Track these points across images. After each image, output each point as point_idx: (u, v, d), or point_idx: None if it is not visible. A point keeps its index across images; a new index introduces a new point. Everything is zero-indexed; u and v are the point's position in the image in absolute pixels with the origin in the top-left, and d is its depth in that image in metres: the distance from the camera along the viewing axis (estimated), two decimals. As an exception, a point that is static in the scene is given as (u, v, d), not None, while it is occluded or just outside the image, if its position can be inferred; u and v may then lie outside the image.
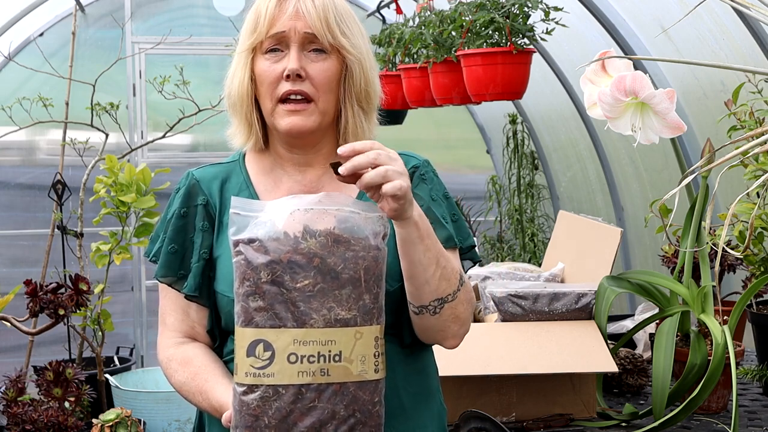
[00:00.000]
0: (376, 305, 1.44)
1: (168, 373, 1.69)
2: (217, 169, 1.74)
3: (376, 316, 1.44)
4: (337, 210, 1.44)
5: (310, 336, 1.39)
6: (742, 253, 2.23)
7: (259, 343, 1.39)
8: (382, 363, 1.45)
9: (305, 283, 1.40)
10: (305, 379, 1.39)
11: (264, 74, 1.62)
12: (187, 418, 3.05)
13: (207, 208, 1.69)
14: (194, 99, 3.88)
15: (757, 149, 1.33)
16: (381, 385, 1.46)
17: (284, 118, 1.63)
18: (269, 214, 1.44)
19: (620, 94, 2.11)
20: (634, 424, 2.28)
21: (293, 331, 1.39)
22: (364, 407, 1.43)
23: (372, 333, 1.43)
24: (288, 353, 1.39)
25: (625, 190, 4.96)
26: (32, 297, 2.57)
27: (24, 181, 6.01)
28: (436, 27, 3.48)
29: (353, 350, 1.41)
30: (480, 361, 2.24)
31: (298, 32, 1.60)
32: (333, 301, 1.40)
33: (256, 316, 1.40)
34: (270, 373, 1.39)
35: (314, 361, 1.39)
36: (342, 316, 1.40)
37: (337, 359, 1.40)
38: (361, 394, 1.42)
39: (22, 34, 5.74)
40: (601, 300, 2.38)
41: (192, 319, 1.69)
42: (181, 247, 1.68)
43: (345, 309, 1.40)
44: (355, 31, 1.65)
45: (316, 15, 1.60)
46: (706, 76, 3.83)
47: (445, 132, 6.63)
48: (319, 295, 1.40)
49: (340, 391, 1.41)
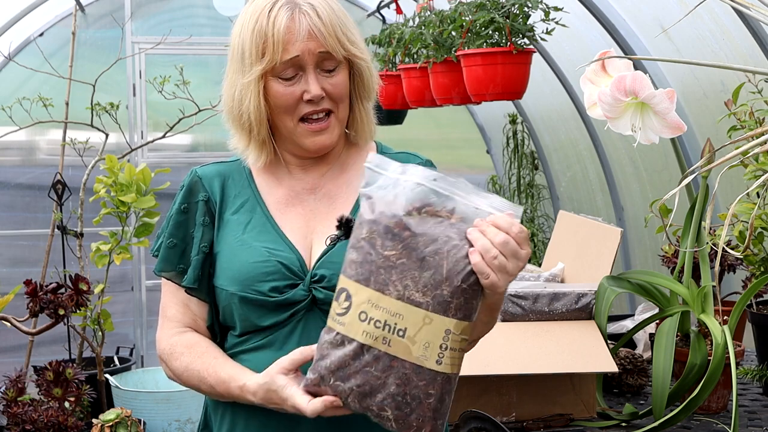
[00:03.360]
0: (455, 299, 1.40)
1: (171, 359, 1.68)
2: (221, 167, 1.75)
3: (453, 311, 1.40)
4: (460, 199, 1.44)
5: (382, 302, 1.41)
6: (742, 253, 2.23)
7: (343, 291, 1.44)
8: (449, 358, 1.42)
9: (391, 253, 1.42)
10: (367, 340, 1.42)
11: (281, 98, 1.62)
12: (187, 418, 3.04)
13: (208, 204, 1.70)
14: (194, 99, 3.88)
15: (757, 149, 1.33)
16: (442, 380, 1.42)
17: (309, 137, 1.65)
18: (392, 174, 1.46)
19: (620, 94, 2.11)
20: (634, 424, 2.28)
21: (370, 292, 1.42)
22: (416, 393, 1.42)
23: (443, 324, 1.40)
24: (360, 310, 1.42)
25: (625, 190, 4.96)
26: (32, 297, 2.57)
27: (24, 181, 6.01)
28: (436, 27, 3.48)
29: (418, 332, 1.41)
30: (480, 361, 2.24)
31: (313, 53, 1.60)
32: (410, 280, 1.41)
33: (348, 267, 1.44)
34: (343, 322, 1.43)
35: (379, 327, 1.41)
36: (415, 298, 1.41)
37: (401, 334, 1.41)
38: (415, 379, 1.42)
39: (22, 34, 5.75)
40: (601, 300, 2.38)
41: (193, 312, 1.70)
42: (180, 241, 1.70)
43: (420, 292, 1.40)
44: (355, 31, 1.67)
45: (327, 32, 1.60)
46: (706, 76, 3.83)
47: (445, 132, 6.63)
48: (399, 268, 1.41)
49: (396, 367, 1.41)
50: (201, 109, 3.88)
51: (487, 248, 1.38)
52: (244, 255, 1.64)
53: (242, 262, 1.63)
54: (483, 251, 1.38)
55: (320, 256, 1.64)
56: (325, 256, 1.64)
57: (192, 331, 1.70)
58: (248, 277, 1.62)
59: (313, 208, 1.71)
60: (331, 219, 1.67)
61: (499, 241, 1.38)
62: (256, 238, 1.66)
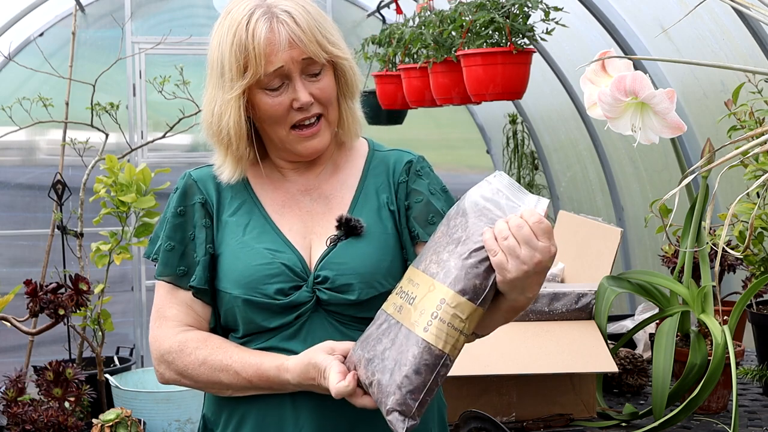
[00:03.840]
0: (458, 271, 1.41)
1: (182, 355, 1.64)
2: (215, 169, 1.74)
3: (452, 280, 1.41)
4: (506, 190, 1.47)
5: (411, 275, 1.49)
6: (742, 253, 2.23)
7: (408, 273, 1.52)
8: (436, 328, 1.40)
9: (437, 234, 1.49)
10: (390, 310, 1.49)
11: (271, 110, 1.61)
12: (187, 418, 3.04)
13: (205, 206, 1.70)
14: (194, 99, 3.88)
15: (757, 149, 1.33)
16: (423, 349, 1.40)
17: (302, 143, 1.65)
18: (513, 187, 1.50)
19: (620, 94, 2.11)
20: (634, 424, 2.28)
21: (411, 268, 1.51)
22: (398, 359, 1.42)
23: (440, 293, 1.41)
24: (401, 284, 1.50)
25: (625, 190, 4.96)
26: (32, 297, 2.57)
27: (24, 181, 6.01)
28: (436, 27, 3.48)
29: (422, 300, 1.44)
30: (480, 361, 2.24)
31: (296, 61, 1.59)
32: (433, 254, 1.46)
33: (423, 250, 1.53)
34: (389, 299, 1.51)
35: (402, 297, 1.47)
36: (431, 269, 1.45)
37: (411, 302, 1.45)
38: (404, 344, 1.42)
39: (22, 34, 5.75)
40: (601, 300, 2.38)
41: (197, 313, 1.69)
42: (179, 244, 1.69)
43: (436, 263, 1.45)
44: (334, 31, 1.66)
45: (307, 38, 1.58)
46: (706, 76, 3.83)
47: (445, 132, 6.63)
48: (431, 245, 1.48)
49: (395, 331, 1.45)
50: (201, 109, 3.87)
51: (500, 229, 1.40)
52: (247, 257, 1.63)
53: (245, 264, 1.63)
54: (496, 231, 1.40)
55: (322, 257, 1.64)
56: (327, 256, 1.64)
57: (195, 329, 1.69)
58: (252, 279, 1.61)
59: (309, 209, 1.70)
60: (328, 219, 1.67)
61: (513, 225, 1.39)
62: (257, 239, 1.65)
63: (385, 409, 1.41)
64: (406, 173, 1.71)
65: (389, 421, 1.41)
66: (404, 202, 1.69)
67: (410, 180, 1.71)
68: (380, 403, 1.43)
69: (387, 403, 1.41)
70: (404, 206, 1.69)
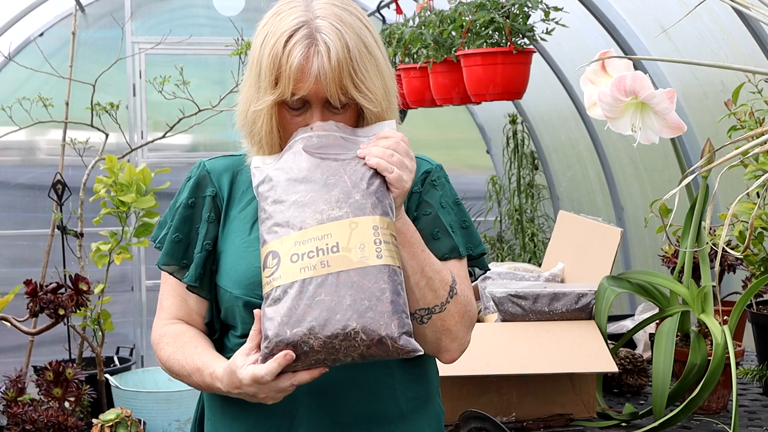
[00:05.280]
0: (368, 199, 1.48)
1: (159, 348, 1.68)
2: (230, 161, 1.73)
3: (370, 209, 1.48)
4: (327, 134, 1.55)
5: (307, 235, 1.47)
6: (742, 253, 2.23)
7: (268, 255, 1.49)
8: (386, 250, 1.46)
9: (297, 196, 1.50)
10: (307, 274, 1.45)
11: (287, 126, 1.61)
12: (187, 418, 3.05)
13: (215, 200, 1.69)
14: (194, 99, 3.88)
15: (757, 149, 1.33)
16: (387, 271, 1.45)
17: None
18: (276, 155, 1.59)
19: (620, 94, 2.11)
20: (634, 424, 2.28)
21: (293, 235, 1.48)
22: (371, 293, 1.44)
23: (369, 222, 1.47)
24: (290, 255, 1.47)
25: (625, 190, 4.96)
26: (32, 297, 2.57)
27: (24, 181, 6.01)
28: (436, 27, 3.48)
29: (350, 239, 1.46)
30: (480, 361, 2.24)
31: (320, 97, 1.57)
32: (324, 203, 1.49)
33: (266, 236, 1.50)
34: (277, 276, 1.46)
35: (313, 256, 1.46)
36: (334, 215, 1.48)
37: (335, 250, 1.46)
38: (364, 281, 1.44)
39: (22, 34, 5.75)
40: (601, 300, 2.38)
41: (190, 307, 1.70)
42: (186, 237, 1.68)
43: (335, 209, 1.48)
44: (371, 72, 1.58)
45: (331, 78, 1.53)
46: (706, 76, 3.83)
47: (445, 132, 6.63)
48: (310, 202, 1.49)
49: (344, 282, 1.44)
50: (201, 109, 3.88)
51: (382, 151, 1.51)
52: (250, 258, 1.62)
53: (248, 265, 1.62)
54: (380, 154, 1.51)
55: None
56: None
57: (182, 322, 1.70)
58: (253, 281, 1.60)
59: None
60: None
61: (390, 144, 1.52)
62: None
63: (393, 340, 1.43)
64: (421, 183, 1.69)
65: (403, 346, 1.44)
66: (414, 213, 1.68)
67: (424, 191, 1.69)
68: (380, 343, 1.43)
69: (392, 334, 1.43)
70: (413, 217, 1.67)
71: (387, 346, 1.43)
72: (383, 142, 1.52)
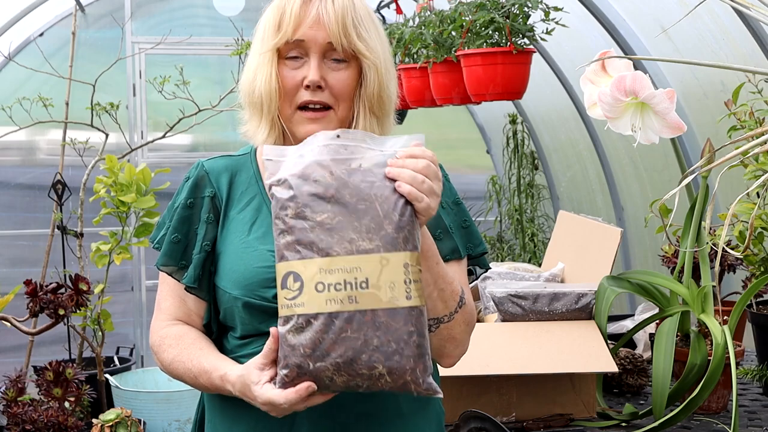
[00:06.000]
0: (400, 234, 1.43)
1: (160, 351, 1.67)
2: (228, 161, 1.73)
3: (402, 244, 1.42)
4: (355, 145, 1.47)
5: (334, 264, 1.41)
6: (742, 253, 2.23)
7: (289, 275, 1.43)
8: (416, 290, 1.42)
9: (324, 217, 1.43)
10: (333, 307, 1.40)
11: (284, 80, 1.61)
12: (187, 418, 3.04)
13: (214, 201, 1.68)
14: (194, 99, 3.88)
15: (757, 149, 1.33)
16: (416, 313, 1.42)
17: (303, 125, 1.63)
18: (296, 154, 1.48)
19: (620, 94, 2.11)
20: (634, 424, 2.28)
21: (318, 261, 1.42)
22: (399, 336, 1.41)
23: (400, 259, 1.42)
24: (315, 282, 1.41)
25: (625, 190, 4.96)
26: (32, 297, 2.57)
27: (24, 181, 6.01)
28: (436, 27, 3.48)
29: (380, 277, 1.41)
30: (480, 361, 2.24)
31: (318, 43, 1.59)
32: (353, 232, 1.42)
33: (286, 252, 1.44)
34: (300, 303, 1.42)
35: (341, 289, 1.41)
36: (364, 247, 1.42)
37: (364, 286, 1.41)
38: (393, 323, 1.41)
39: (22, 34, 5.75)
40: (601, 300, 2.38)
41: (189, 307, 1.69)
42: (184, 237, 1.68)
43: (366, 240, 1.42)
44: (373, 34, 1.63)
45: (335, 20, 1.58)
46: (706, 76, 3.83)
47: (445, 132, 6.63)
48: (338, 227, 1.42)
49: (371, 321, 1.40)
50: (201, 109, 3.88)
51: (413, 176, 1.44)
52: (249, 259, 1.62)
53: (247, 266, 1.62)
54: (411, 180, 1.44)
55: None
56: None
57: (182, 323, 1.69)
58: (252, 282, 1.60)
59: None
60: None
61: (421, 167, 1.45)
62: (261, 240, 1.64)
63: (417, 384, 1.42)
64: None
65: (426, 389, 1.43)
66: None
67: None
68: (403, 385, 1.42)
69: (416, 379, 1.42)
70: None
71: (410, 388, 1.43)
72: (413, 163, 1.45)
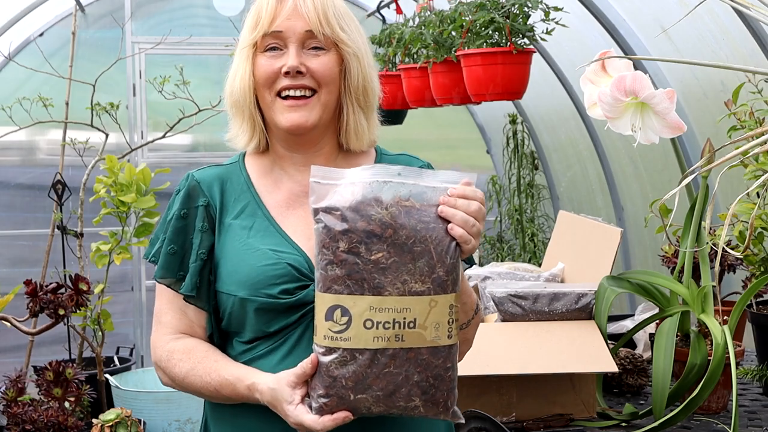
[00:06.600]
0: (450, 276, 1.46)
1: (170, 366, 1.67)
2: (218, 170, 1.74)
3: (450, 286, 1.46)
4: (414, 183, 1.47)
5: (385, 303, 1.43)
6: (742, 253, 2.23)
7: (336, 308, 1.44)
8: (455, 329, 1.48)
9: (379, 256, 1.44)
10: (380, 344, 1.43)
11: (261, 69, 1.64)
12: (187, 418, 3.04)
13: (208, 210, 1.69)
14: (194, 99, 3.88)
15: (757, 149, 1.33)
16: (454, 350, 1.49)
17: (284, 113, 1.64)
18: (349, 182, 1.47)
19: (620, 94, 2.11)
20: (634, 424, 2.28)
21: (369, 298, 1.43)
22: (437, 372, 1.46)
23: (447, 301, 1.46)
24: (364, 319, 1.43)
25: (625, 190, 4.96)
26: (32, 297, 2.57)
27: (24, 181, 6.00)
28: (436, 27, 3.48)
29: (428, 318, 1.45)
30: (480, 361, 2.24)
31: (296, 32, 1.63)
32: (407, 274, 1.44)
33: (335, 284, 1.44)
34: (347, 337, 1.44)
35: (389, 327, 1.43)
36: (416, 289, 1.44)
37: (411, 326, 1.44)
38: (433, 360, 1.46)
39: (22, 34, 5.75)
40: (601, 300, 2.38)
41: (190, 319, 1.69)
42: (180, 248, 1.68)
43: (419, 282, 1.44)
44: (353, 28, 1.68)
45: (314, 10, 1.62)
46: (706, 76, 3.83)
47: (445, 132, 6.63)
48: (393, 267, 1.44)
49: (414, 357, 1.45)
50: (201, 109, 3.88)
51: (465, 219, 1.46)
52: (252, 258, 1.62)
53: (250, 265, 1.62)
54: (463, 224, 1.46)
55: None
56: None
57: (187, 336, 1.69)
58: (258, 280, 1.60)
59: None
60: None
61: (473, 210, 1.47)
62: (261, 240, 1.64)
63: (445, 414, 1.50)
64: None
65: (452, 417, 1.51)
66: None
67: None
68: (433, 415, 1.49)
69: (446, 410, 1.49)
70: None
71: (438, 416, 1.50)
72: (464, 204, 1.47)
